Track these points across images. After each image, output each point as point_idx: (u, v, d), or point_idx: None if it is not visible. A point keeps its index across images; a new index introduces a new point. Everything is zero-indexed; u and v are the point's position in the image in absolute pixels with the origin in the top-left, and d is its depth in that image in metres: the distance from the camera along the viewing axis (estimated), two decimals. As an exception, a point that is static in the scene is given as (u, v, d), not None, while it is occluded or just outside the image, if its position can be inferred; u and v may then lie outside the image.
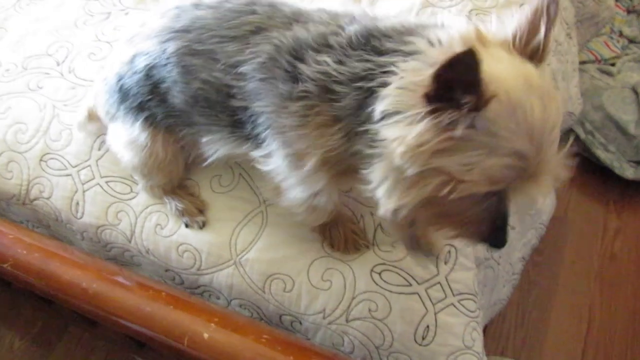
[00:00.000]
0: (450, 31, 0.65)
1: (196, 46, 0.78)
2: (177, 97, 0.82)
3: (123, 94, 0.88)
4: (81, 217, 1.02)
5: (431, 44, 0.63)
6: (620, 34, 2.18)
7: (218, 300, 0.96)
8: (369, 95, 0.64)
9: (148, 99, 0.86)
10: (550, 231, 1.86)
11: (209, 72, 0.77)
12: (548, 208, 1.22)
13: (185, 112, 0.84)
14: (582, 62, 2.06)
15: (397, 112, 0.60)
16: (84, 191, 1.02)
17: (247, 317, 0.91)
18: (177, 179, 0.98)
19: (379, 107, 0.62)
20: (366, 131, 0.65)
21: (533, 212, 1.15)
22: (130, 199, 1.00)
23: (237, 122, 0.79)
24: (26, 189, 1.06)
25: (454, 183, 0.60)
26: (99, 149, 1.03)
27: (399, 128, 0.60)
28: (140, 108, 0.87)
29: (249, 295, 0.93)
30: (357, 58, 0.67)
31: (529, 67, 0.62)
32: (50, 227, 1.09)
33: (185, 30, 0.80)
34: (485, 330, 1.02)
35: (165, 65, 0.81)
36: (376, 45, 0.67)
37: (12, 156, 1.07)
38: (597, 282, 1.77)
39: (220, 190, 0.98)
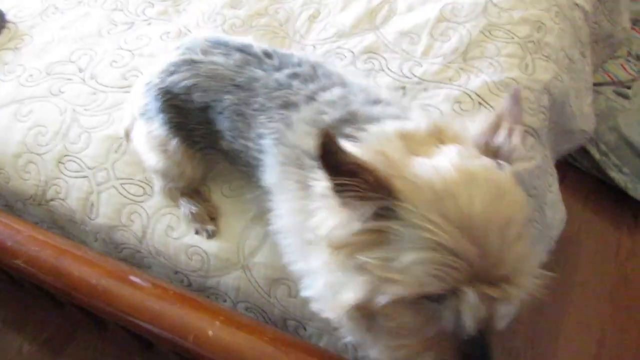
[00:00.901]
0: (385, 127, 0.66)
1: (243, 108, 0.82)
2: (223, 140, 0.87)
3: (168, 106, 0.90)
4: (95, 218, 1.04)
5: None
6: (638, 58, 2.18)
7: (225, 303, 0.97)
8: None
9: (193, 128, 0.90)
10: (563, 251, 1.85)
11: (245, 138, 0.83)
12: (557, 223, 1.21)
13: (225, 153, 0.90)
14: (599, 84, 2.07)
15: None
16: (99, 193, 1.04)
17: (252, 317, 0.92)
18: (197, 185, 1.01)
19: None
20: None
21: (541, 226, 1.14)
22: (143, 201, 1.02)
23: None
24: (43, 189, 1.09)
25: (377, 281, 0.55)
26: (116, 152, 1.06)
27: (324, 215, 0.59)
28: (179, 127, 0.91)
29: (255, 299, 0.94)
30: None
31: (483, 164, 0.58)
32: (65, 228, 1.11)
33: (241, 88, 0.84)
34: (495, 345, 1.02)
35: (221, 112, 0.85)
36: (340, 131, 0.69)
37: (31, 158, 1.10)
38: (609, 303, 1.75)
39: (230, 194, 1.00)
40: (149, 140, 0.95)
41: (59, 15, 1.38)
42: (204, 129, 0.90)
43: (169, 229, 1.00)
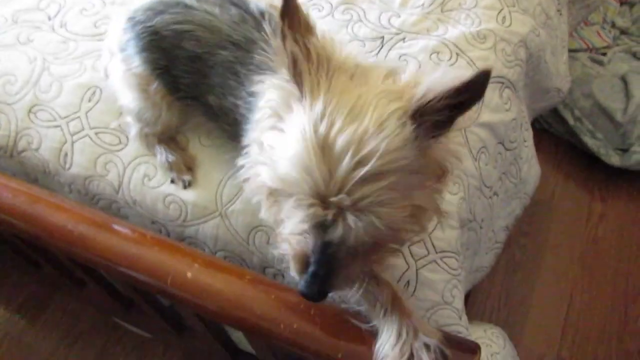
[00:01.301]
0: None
1: (238, 67, 0.81)
2: (210, 95, 0.86)
3: (152, 46, 0.88)
4: (69, 168, 1.02)
5: None
6: (613, 25, 2.21)
7: (198, 250, 0.97)
8: None
9: (178, 75, 0.88)
10: (536, 214, 1.89)
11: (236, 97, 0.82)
12: (532, 178, 1.23)
13: (208, 107, 0.89)
14: (574, 50, 2.09)
15: None
16: (73, 142, 1.02)
17: (230, 262, 0.92)
18: (173, 133, 0.99)
19: None
20: None
21: (517, 180, 1.16)
22: (119, 150, 1.00)
23: None
24: (14, 140, 1.06)
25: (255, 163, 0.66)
26: (89, 101, 1.04)
27: None
28: (163, 71, 0.89)
29: (233, 247, 0.94)
30: None
31: (388, 106, 0.59)
32: (38, 180, 1.09)
33: (237, 46, 0.82)
34: (468, 306, 1.04)
35: (213, 67, 0.84)
36: None
37: (0, 108, 1.07)
38: (579, 265, 1.80)
39: (207, 143, 0.99)
40: (126, 78, 0.92)
41: (26, -36, 1.32)
42: (190, 79, 0.87)
43: (146, 178, 0.98)
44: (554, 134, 2.05)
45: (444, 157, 0.63)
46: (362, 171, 0.55)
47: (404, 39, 1.06)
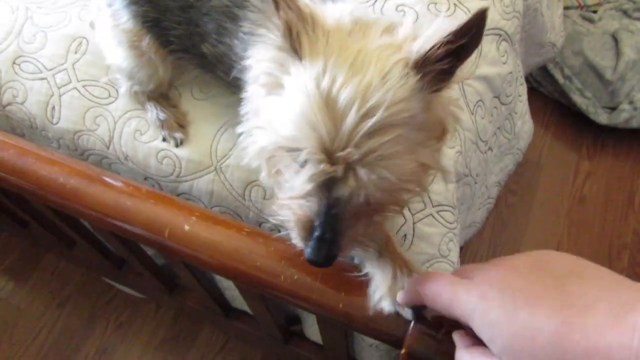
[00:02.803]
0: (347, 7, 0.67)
1: (236, 10, 0.77)
2: (205, 43, 0.83)
3: None
4: (57, 123, 0.99)
5: None
6: (604, -18, 2.19)
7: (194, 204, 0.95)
8: None
9: (169, 26, 0.85)
10: (525, 173, 1.91)
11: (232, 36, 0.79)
12: (525, 134, 1.23)
13: (202, 57, 0.86)
14: (566, 8, 2.07)
15: None
16: (60, 95, 0.99)
17: (227, 216, 0.91)
18: (165, 89, 0.97)
19: None
20: None
21: (510, 135, 1.16)
22: (109, 104, 0.97)
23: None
24: (-2, 93, 1.02)
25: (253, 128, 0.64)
26: (76, 52, 1.00)
27: None
28: (153, 24, 0.86)
29: (229, 202, 0.93)
30: None
31: (390, 59, 0.57)
32: (25, 135, 1.06)
33: None
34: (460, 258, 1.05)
35: (207, 14, 0.80)
36: None
37: (-18, 59, 1.03)
38: (566, 222, 1.83)
39: (200, 97, 0.97)
40: (116, 35, 0.88)
41: None
42: (182, 29, 0.84)
43: (137, 133, 0.96)
44: (543, 93, 2.05)
45: (444, 114, 0.62)
46: (369, 123, 0.54)
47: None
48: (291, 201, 0.61)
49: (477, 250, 1.78)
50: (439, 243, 0.92)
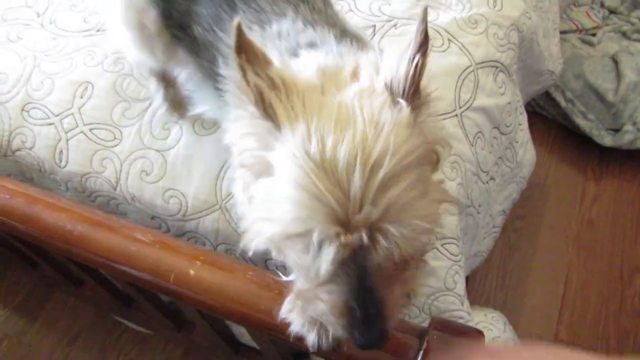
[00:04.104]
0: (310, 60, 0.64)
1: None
2: (197, 25, 0.83)
3: None
4: (65, 166, 1.01)
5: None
6: (602, 5, 2.21)
7: (204, 247, 0.97)
8: None
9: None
10: (531, 197, 1.90)
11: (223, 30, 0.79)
12: (528, 162, 1.24)
13: (191, 40, 0.86)
14: (564, 32, 2.09)
15: None
16: (67, 139, 1.01)
17: (232, 257, 0.92)
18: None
19: None
20: None
21: (513, 164, 1.17)
22: (114, 146, 0.99)
23: None
24: (8, 139, 1.05)
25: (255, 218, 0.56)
26: (82, 97, 1.03)
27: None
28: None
29: (234, 240, 0.94)
30: None
31: (372, 103, 0.54)
32: (34, 179, 1.08)
33: None
34: (467, 288, 1.04)
35: None
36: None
37: (-8, 107, 1.06)
38: (575, 246, 1.81)
39: (202, 132, 0.99)
40: (127, 12, 0.89)
41: (11, -40, 1.30)
42: (184, 4, 0.83)
43: (143, 174, 0.97)
44: (546, 117, 2.06)
45: (435, 137, 0.59)
46: (380, 176, 0.49)
47: (395, 25, 1.06)
48: (318, 289, 0.55)
49: (485, 276, 1.77)
50: (445, 276, 0.92)
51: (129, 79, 1.03)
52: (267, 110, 0.53)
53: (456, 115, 0.96)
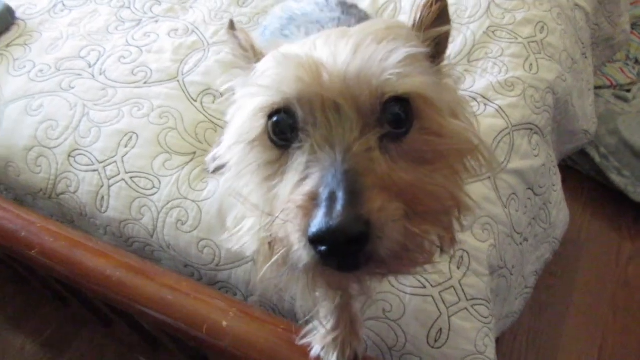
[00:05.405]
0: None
1: None
2: None
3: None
4: (105, 212, 1.05)
5: None
6: (636, 61, 2.21)
7: (235, 297, 0.98)
8: None
9: None
10: (564, 254, 1.86)
11: None
12: (561, 222, 1.23)
13: None
14: (598, 87, 2.09)
15: None
16: (109, 186, 1.05)
17: (263, 310, 0.92)
18: None
19: None
20: None
21: (546, 225, 1.15)
22: (152, 195, 1.02)
23: None
24: (53, 183, 1.09)
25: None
26: (126, 146, 1.07)
27: None
28: None
29: (266, 292, 0.95)
30: None
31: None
32: (74, 221, 1.12)
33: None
34: (496, 347, 1.03)
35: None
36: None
37: (41, 151, 1.11)
38: (610, 307, 1.76)
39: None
40: None
41: (67, 13, 1.39)
42: None
43: (179, 223, 1.00)
44: (580, 172, 2.03)
45: (456, 103, 0.52)
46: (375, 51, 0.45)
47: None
48: (294, 191, 0.43)
49: (515, 335, 1.72)
50: (475, 338, 0.91)
51: (172, 132, 1.07)
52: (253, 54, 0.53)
53: (490, 178, 0.97)
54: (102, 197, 1.05)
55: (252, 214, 0.49)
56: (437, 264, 0.71)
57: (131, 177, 1.05)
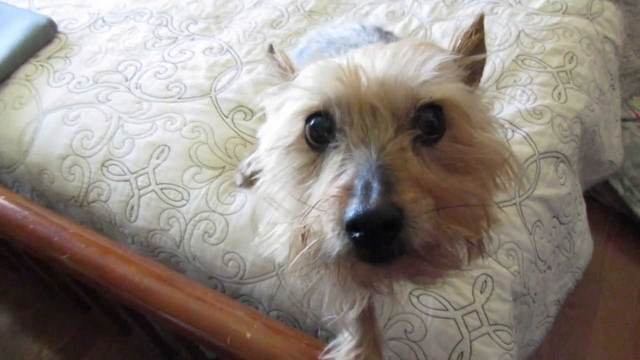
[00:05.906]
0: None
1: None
2: None
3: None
4: (135, 221, 1.07)
5: None
6: (662, 95, 2.20)
7: (257, 310, 0.99)
8: None
9: None
10: (585, 286, 1.83)
11: None
12: (585, 252, 1.22)
13: None
14: (624, 120, 2.08)
15: None
16: (139, 196, 1.08)
17: (283, 322, 0.93)
18: None
19: None
20: None
21: (570, 254, 1.15)
22: (181, 206, 1.05)
23: None
24: (85, 191, 1.12)
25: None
26: (158, 158, 1.10)
27: None
28: None
29: (287, 307, 0.96)
30: None
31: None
32: (104, 229, 1.14)
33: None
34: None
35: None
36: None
37: (76, 160, 1.14)
38: (632, 344, 1.72)
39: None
40: None
41: (107, 29, 1.44)
42: None
43: (206, 235, 1.02)
44: (603, 204, 2.02)
45: (488, 120, 0.53)
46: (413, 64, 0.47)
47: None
48: (330, 185, 0.45)
49: (534, 366, 1.69)
50: (497, 365, 0.90)
51: (203, 146, 1.10)
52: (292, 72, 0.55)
53: (515, 204, 0.97)
54: (132, 207, 1.08)
55: (284, 219, 0.51)
56: (465, 271, 0.70)
57: (161, 189, 1.07)
